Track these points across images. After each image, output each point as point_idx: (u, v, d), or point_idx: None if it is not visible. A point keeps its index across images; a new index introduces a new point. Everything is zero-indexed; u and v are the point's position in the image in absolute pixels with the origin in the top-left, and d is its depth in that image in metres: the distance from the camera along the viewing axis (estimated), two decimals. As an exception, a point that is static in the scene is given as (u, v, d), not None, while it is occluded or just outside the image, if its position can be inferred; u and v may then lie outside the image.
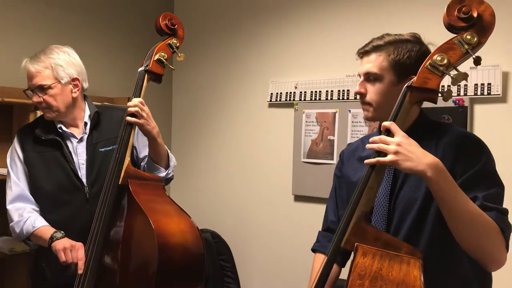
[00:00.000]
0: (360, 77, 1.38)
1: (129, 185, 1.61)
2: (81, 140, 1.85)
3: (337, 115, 2.99)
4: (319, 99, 3.06)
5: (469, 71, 1.34)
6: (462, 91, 2.53)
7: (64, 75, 1.80)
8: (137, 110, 1.67)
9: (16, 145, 1.85)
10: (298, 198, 3.18)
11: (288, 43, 3.25)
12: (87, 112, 1.90)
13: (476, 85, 2.50)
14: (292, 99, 3.18)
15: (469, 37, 1.13)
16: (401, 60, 1.31)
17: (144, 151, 1.92)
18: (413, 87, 1.18)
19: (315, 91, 3.08)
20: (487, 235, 1.15)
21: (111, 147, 1.82)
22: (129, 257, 1.60)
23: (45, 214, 1.80)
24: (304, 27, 3.18)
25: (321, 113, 3.05)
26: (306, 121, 3.11)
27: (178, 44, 1.81)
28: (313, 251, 1.60)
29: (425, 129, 1.34)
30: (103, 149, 1.85)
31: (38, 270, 1.86)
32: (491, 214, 1.17)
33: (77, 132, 1.87)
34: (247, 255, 3.41)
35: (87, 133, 1.86)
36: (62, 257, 1.62)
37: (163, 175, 1.85)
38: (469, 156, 1.25)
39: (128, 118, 1.69)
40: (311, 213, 3.04)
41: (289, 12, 3.25)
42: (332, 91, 3.01)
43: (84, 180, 1.81)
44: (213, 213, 3.59)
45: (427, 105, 1.29)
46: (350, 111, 2.93)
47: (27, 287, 2.56)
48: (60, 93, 1.79)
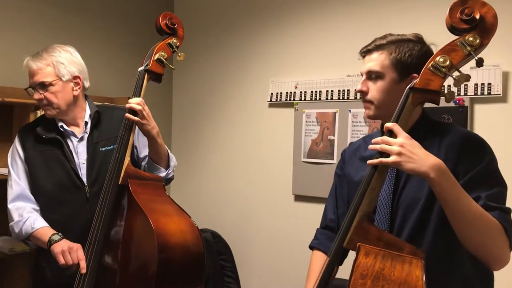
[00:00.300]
0: (362, 75, 1.39)
1: (129, 184, 1.61)
2: (81, 139, 1.85)
3: (337, 115, 2.99)
4: (319, 99, 3.05)
5: (469, 71, 1.33)
6: (462, 91, 2.53)
7: (65, 72, 1.80)
8: (140, 108, 1.67)
9: (17, 144, 1.85)
10: (298, 198, 3.18)
11: (288, 43, 3.25)
12: (88, 111, 1.90)
13: (476, 85, 2.50)
14: (292, 99, 3.18)
15: (471, 39, 1.13)
16: (402, 58, 1.31)
17: (144, 151, 1.92)
18: (415, 89, 1.18)
19: (315, 91, 3.07)
20: (490, 235, 1.15)
21: (111, 147, 1.82)
22: (129, 257, 1.59)
23: (46, 213, 1.80)
24: (304, 27, 3.18)
25: (321, 113, 3.05)
26: (306, 121, 3.11)
27: (178, 43, 1.81)
28: (311, 248, 1.60)
29: (427, 129, 1.34)
30: (103, 149, 1.85)
31: (38, 269, 1.85)
32: (494, 213, 1.17)
33: (78, 131, 1.87)
34: (247, 255, 3.41)
35: (88, 133, 1.86)
36: (61, 260, 1.62)
37: (163, 175, 1.85)
38: (472, 156, 1.25)
39: (128, 115, 1.68)
40: (311, 213, 3.03)
41: (290, 12, 3.25)
42: (332, 91, 3.01)
43: (84, 179, 1.81)
44: (213, 213, 3.58)
45: (427, 105, 1.29)
46: (350, 111, 2.93)
47: (27, 286, 2.56)
48: (61, 91, 1.80)
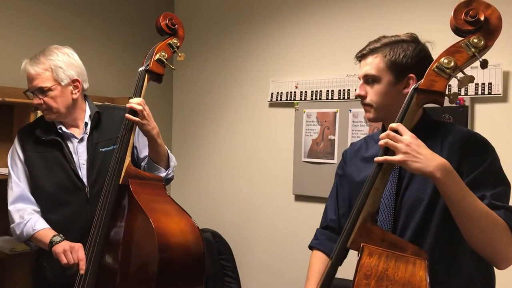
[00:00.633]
0: (360, 79, 1.41)
1: (129, 184, 1.61)
2: (81, 140, 1.85)
3: (338, 114, 2.99)
4: (320, 99, 3.05)
5: (469, 71, 1.33)
6: (463, 91, 2.53)
7: (64, 76, 1.79)
8: (141, 109, 1.67)
9: (16, 145, 1.85)
10: (298, 197, 3.18)
11: (288, 43, 3.25)
12: (88, 112, 1.89)
13: (477, 84, 2.50)
14: (292, 99, 3.17)
15: (476, 41, 1.13)
16: (397, 59, 1.32)
17: (144, 151, 1.92)
18: (420, 89, 1.18)
19: (316, 91, 3.07)
20: (496, 234, 1.16)
21: (111, 147, 1.82)
22: (129, 257, 1.60)
23: (46, 214, 1.80)
24: (304, 27, 3.18)
25: (321, 112, 3.05)
26: (306, 121, 3.11)
27: (178, 44, 1.81)
28: (311, 248, 1.60)
29: (429, 129, 1.34)
30: (103, 149, 1.85)
31: (39, 270, 1.85)
32: (500, 212, 1.17)
33: (78, 132, 1.86)
34: (247, 254, 3.41)
35: (88, 133, 1.86)
36: (63, 260, 1.62)
37: (163, 175, 1.85)
38: (475, 155, 1.25)
39: (128, 115, 1.68)
40: (311, 212, 3.03)
41: (290, 12, 3.25)
42: (332, 90, 3.01)
43: (84, 180, 1.81)
44: (213, 213, 3.58)
45: (428, 105, 1.28)
46: (350, 110, 2.93)
47: (28, 286, 2.56)
48: (60, 95, 1.79)
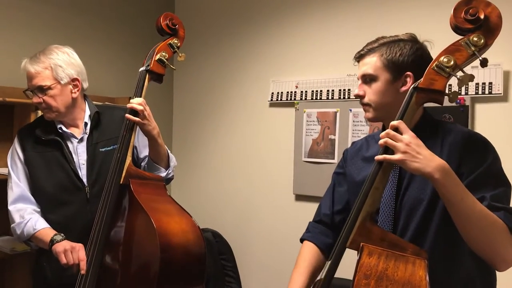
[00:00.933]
0: (359, 80, 1.41)
1: (130, 184, 1.61)
2: (81, 140, 1.85)
3: (338, 114, 2.98)
4: (320, 99, 3.05)
5: (470, 70, 1.33)
6: (463, 90, 2.53)
7: (63, 75, 1.79)
8: (142, 109, 1.67)
9: (16, 145, 1.85)
10: (299, 197, 3.18)
11: (289, 43, 3.25)
12: (87, 112, 1.89)
13: (477, 84, 2.49)
14: (293, 99, 3.17)
15: (476, 39, 1.13)
16: (394, 58, 1.32)
17: (144, 151, 1.92)
18: (419, 88, 1.17)
19: (316, 91, 3.07)
20: (495, 235, 1.15)
21: (111, 147, 1.82)
22: (130, 257, 1.60)
23: (46, 214, 1.80)
24: (304, 26, 3.18)
25: (322, 112, 3.05)
26: (307, 121, 3.10)
27: (179, 44, 1.81)
28: (302, 240, 1.60)
29: (429, 129, 1.34)
30: (103, 149, 1.85)
31: (39, 269, 1.85)
32: (500, 214, 1.16)
33: (77, 132, 1.86)
34: (248, 254, 3.41)
35: (88, 133, 1.86)
36: (63, 259, 1.62)
37: (163, 175, 1.85)
38: (475, 156, 1.25)
39: (129, 116, 1.68)
40: (312, 212, 2.96)
41: (290, 11, 3.24)
42: (333, 90, 3.00)
43: (84, 180, 1.81)
44: (214, 213, 3.58)
45: (427, 104, 1.28)
46: (351, 110, 2.93)
47: (28, 286, 2.55)
48: (59, 94, 1.79)
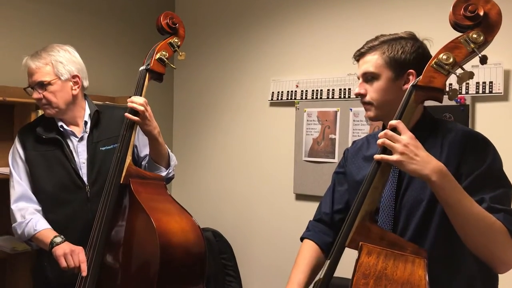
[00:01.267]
0: (359, 79, 1.40)
1: (130, 184, 1.61)
2: (81, 139, 1.85)
3: (339, 113, 2.98)
4: (321, 98, 3.05)
5: (469, 69, 1.32)
6: (463, 90, 2.52)
7: (64, 71, 1.80)
8: (143, 109, 1.67)
9: (17, 144, 1.85)
10: (299, 197, 3.17)
11: (289, 42, 3.25)
12: (87, 111, 1.89)
13: (477, 83, 2.49)
14: (293, 98, 3.17)
15: (475, 36, 1.12)
16: (396, 56, 1.31)
17: (144, 150, 1.92)
18: (418, 86, 1.16)
19: (317, 90, 3.07)
20: (494, 237, 1.14)
21: (111, 146, 1.82)
22: (130, 256, 1.60)
23: (46, 213, 1.80)
24: (304, 26, 3.17)
25: (322, 111, 3.05)
26: (307, 120, 3.10)
27: (179, 43, 1.81)
28: (302, 239, 1.59)
29: (429, 128, 1.33)
30: (103, 148, 1.85)
31: (39, 269, 1.85)
32: (499, 216, 1.14)
33: (78, 130, 1.86)
34: (248, 254, 3.41)
35: (88, 132, 1.86)
36: (62, 263, 1.62)
37: (164, 174, 1.85)
38: (475, 156, 1.23)
39: (128, 115, 1.68)
40: (312, 212, 2.96)
41: (290, 11, 3.24)
42: (333, 89, 3.00)
43: (85, 179, 1.81)
44: (214, 212, 3.58)
45: (428, 104, 1.28)
46: (351, 109, 2.93)
47: (29, 286, 2.56)
48: (60, 90, 1.79)
